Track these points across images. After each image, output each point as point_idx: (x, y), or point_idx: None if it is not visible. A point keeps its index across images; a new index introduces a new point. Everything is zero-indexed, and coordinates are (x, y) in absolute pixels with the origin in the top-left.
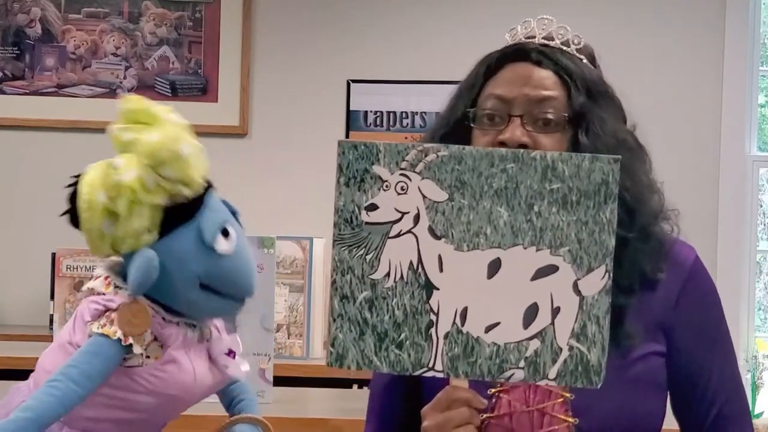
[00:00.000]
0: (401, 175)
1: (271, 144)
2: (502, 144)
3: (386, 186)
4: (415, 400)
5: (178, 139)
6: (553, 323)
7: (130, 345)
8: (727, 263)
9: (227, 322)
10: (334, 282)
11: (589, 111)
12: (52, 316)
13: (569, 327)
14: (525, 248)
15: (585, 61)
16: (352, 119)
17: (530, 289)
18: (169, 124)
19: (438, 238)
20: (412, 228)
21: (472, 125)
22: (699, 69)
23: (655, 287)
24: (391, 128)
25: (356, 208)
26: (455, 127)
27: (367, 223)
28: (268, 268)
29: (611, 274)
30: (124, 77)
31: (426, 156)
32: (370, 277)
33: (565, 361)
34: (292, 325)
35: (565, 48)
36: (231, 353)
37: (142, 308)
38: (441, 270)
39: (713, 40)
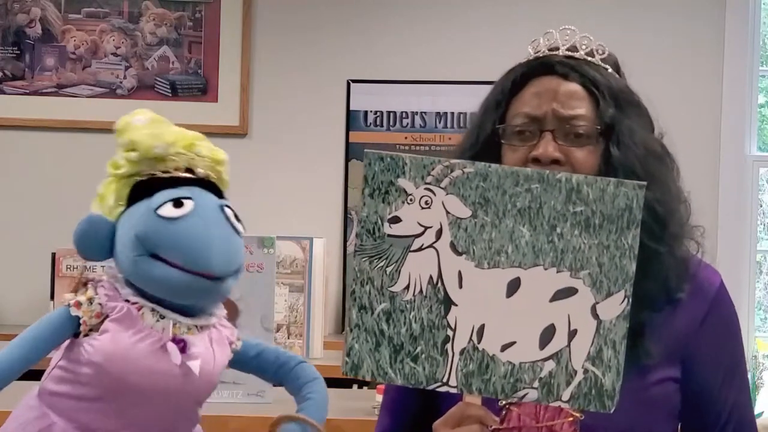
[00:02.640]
0: (426, 189)
1: (271, 144)
2: (536, 160)
3: (410, 199)
4: (429, 398)
5: (137, 113)
6: (569, 345)
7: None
8: (727, 263)
9: (198, 303)
10: (353, 292)
11: (618, 122)
12: None
13: (585, 350)
14: (545, 269)
15: (610, 70)
16: (352, 119)
17: (548, 310)
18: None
19: (459, 254)
20: (434, 243)
21: (502, 141)
22: (699, 69)
23: (677, 309)
24: (391, 128)
25: (379, 220)
26: (484, 145)
27: (389, 235)
28: (268, 268)
29: (630, 300)
30: (124, 77)
31: (452, 172)
32: (389, 289)
33: (579, 383)
34: (292, 325)
35: (590, 58)
36: (180, 342)
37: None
38: (460, 286)
39: (713, 40)
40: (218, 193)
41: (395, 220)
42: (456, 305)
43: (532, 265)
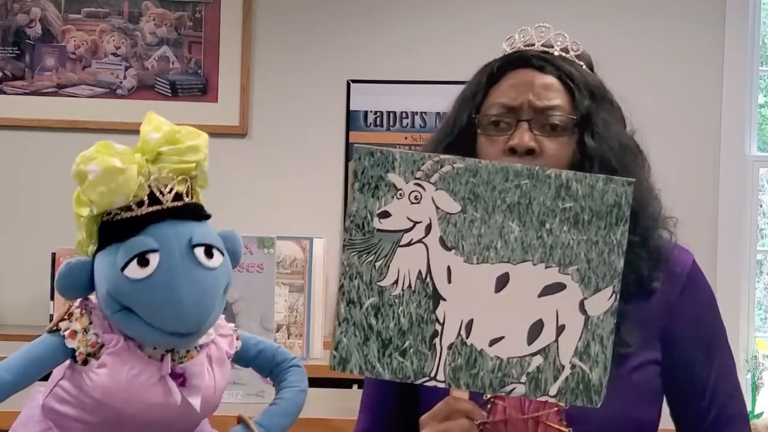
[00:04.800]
0: (416, 184)
1: (271, 144)
2: (512, 150)
3: (400, 194)
4: (409, 397)
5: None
6: (557, 341)
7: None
8: (727, 263)
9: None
10: (341, 286)
11: (594, 114)
12: (52, 316)
13: (573, 345)
14: (534, 264)
15: (584, 67)
16: (352, 119)
17: (537, 305)
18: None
19: (448, 249)
20: (423, 238)
21: (478, 131)
22: (699, 69)
23: (651, 295)
24: (391, 128)
25: (369, 215)
26: (459, 136)
27: (378, 230)
28: (268, 268)
29: (618, 296)
30: (124, 77)
31: (441, 167)
32: (378, 283)
33: (566, 378)
34: (292, 325)
35: (564, 54)
36: (179, 377)
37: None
38: (449, 281)
39: (713, 40)
40: (191, 211)
41: (385, 214)
42: (445, 300)
43: (521, 260)
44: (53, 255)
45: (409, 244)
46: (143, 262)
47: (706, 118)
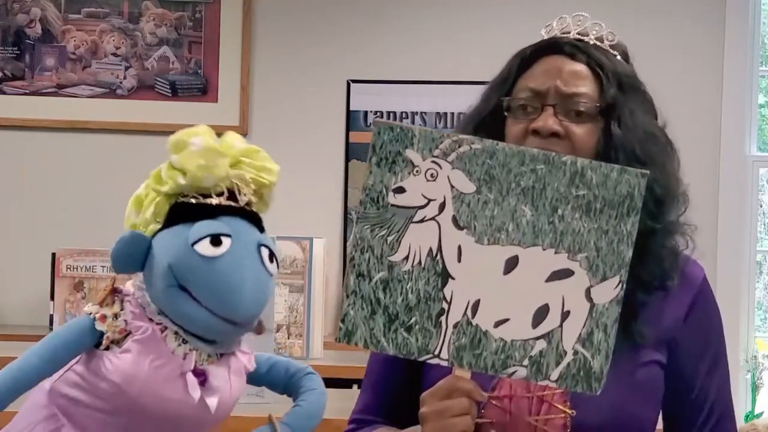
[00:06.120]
0: (432, 162)
1: (271, 144)
2: (535, 132)
3: (416, 171)
4: (413, 378)
5: (196, 133)
6: (561, 326)
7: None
8: (727, 263)
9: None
10: (352, 259)
11: (620, 103)
12: (52, 316)
13: (577, 332)
14: (544, 249)
15: (618, 57)
16: (352, 119)
17: (543, 290)
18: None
19: (460, 228)
20: (436, 215)
21: (506, 114)
22: (699, 69)
23: (667, 296)
24: None
25: (384, 189)
26: (489, 118)
27: (392, 205)
28: None
29: (624, 286)
30: (124, 77)
31: (459, 147)
32: (388, 258)
33: (568, 364)
34: (292, 325)
35: (599, 44)
36: (201, 376)
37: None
38: (459, 260)
39: (713, 40)
40: (258, 220)
41: (400, 190)
42: (453, 279)
43: (531, 244)
44: (53, 255)
45: (422, 221)
46: (216, 242)
47: (706, 118)
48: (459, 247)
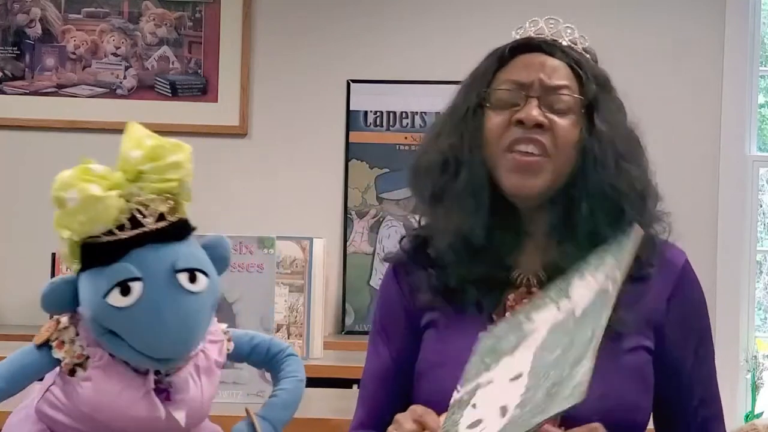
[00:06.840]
0: None
1: (271, 144)
2: (519, 122)
3: None
4: (406, 396)
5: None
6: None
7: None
8: (727, 263)
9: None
10: None
11: (601, 100)
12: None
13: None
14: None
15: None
16: (352, 119)
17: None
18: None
19: None
20: None
21: (486, 106)
22: (699, 69)
23: (647, 283)
24: (391, 128)
25: None
26: (468, 113)
27: None
28: (268, 268)
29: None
30: (124, 77)
31: None
32: None
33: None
34: (292, 325)
35: (573, 46)
36: (164, 393)
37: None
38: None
39: (713, 40)
40: (177, 229)
41: None
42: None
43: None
44: (53, 255)
45: None
46: (125, 290)
47: (706, 118)
48: None
